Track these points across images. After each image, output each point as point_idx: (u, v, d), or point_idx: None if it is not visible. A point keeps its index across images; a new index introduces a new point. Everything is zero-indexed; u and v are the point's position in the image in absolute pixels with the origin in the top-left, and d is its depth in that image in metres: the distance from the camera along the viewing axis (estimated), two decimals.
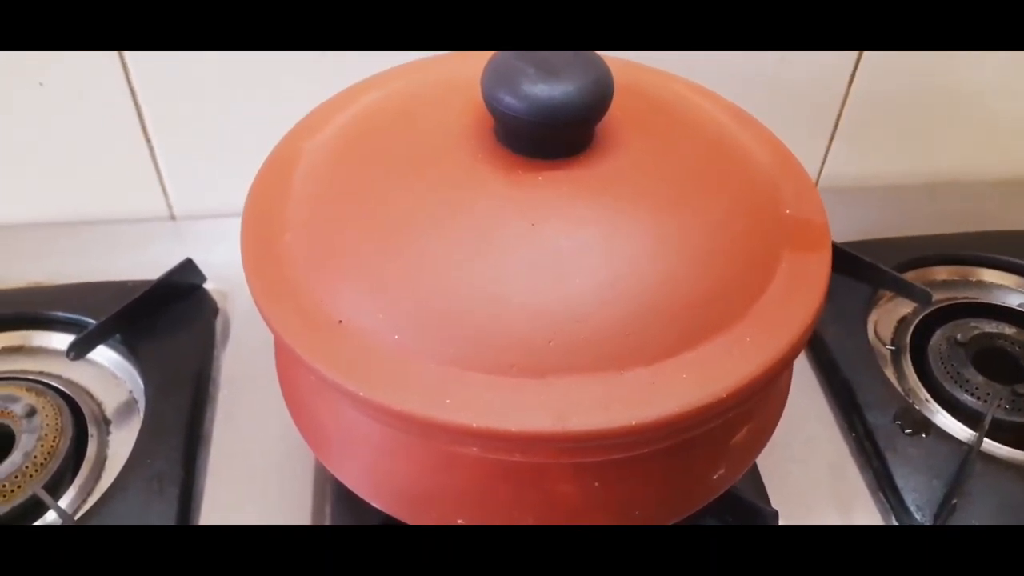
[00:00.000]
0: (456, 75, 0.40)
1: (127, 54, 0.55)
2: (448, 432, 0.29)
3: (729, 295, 0.32)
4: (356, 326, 0.31)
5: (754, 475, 0.47)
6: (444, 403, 0.29)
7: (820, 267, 0.35)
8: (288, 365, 0.41)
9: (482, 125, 0.36)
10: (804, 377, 0.55)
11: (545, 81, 0.31)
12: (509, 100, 0.32)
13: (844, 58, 0.61)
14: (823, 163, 0.67)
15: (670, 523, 0.36)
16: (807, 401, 0.53)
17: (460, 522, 0.34)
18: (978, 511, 0.46)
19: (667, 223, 0.33)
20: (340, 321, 0.31)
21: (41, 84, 0.56)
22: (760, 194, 0.37)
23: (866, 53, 0.61)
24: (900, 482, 0.47)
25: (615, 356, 0.30)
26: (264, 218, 0.36)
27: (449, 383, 0.29)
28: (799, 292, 0.34)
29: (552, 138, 0.34)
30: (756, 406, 0.36)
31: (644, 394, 0.29)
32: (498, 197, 0.33)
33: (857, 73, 0.62)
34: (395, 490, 0.35)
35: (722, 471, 0.36)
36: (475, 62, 0.36)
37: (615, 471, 0.33)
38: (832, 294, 0.58)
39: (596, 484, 0.33)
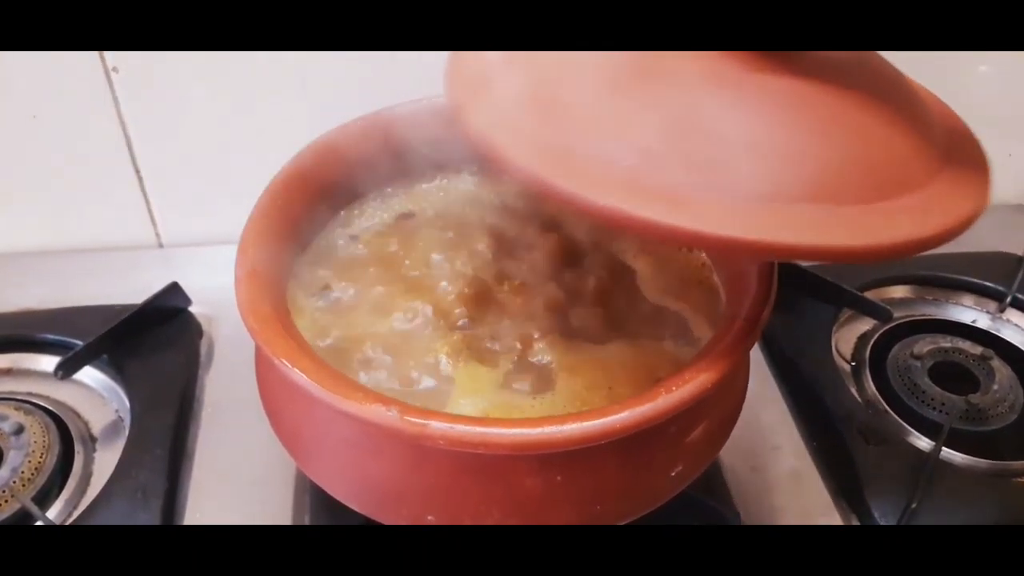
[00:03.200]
0: None
1: (118, 88, 0.57)
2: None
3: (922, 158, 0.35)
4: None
5: (719, 482, 0.49)
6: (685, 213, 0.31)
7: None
8: (269, 378, 0.42)
9: None
10: (769, 390, 0.57)
11: None
12: None
13: None
14: None
15: (632, 519, 0.38)
16: (772, 413, 0.55)
17: (430, 519, 0.36)
18: (937, 516, 0.48)
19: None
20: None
21: (34, 117, 0.58)
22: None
23: None
24: (863, 490, 0.49)
25: (835, 192, 0.32)
26: None
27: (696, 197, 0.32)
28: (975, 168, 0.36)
29: None
30: (710, 406, 0.38)
31: (863, 223, 0.32)
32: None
33: None
34: (368, 490, 0.37)
35: (680, 468, 0.38)
36: None
37: (577, 465, 0.35)
38: (797, 313, 0.61)
39: (559, 478, 0.35)
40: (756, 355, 0.59)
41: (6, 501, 0.46)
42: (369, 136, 0.48)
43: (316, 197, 0.46)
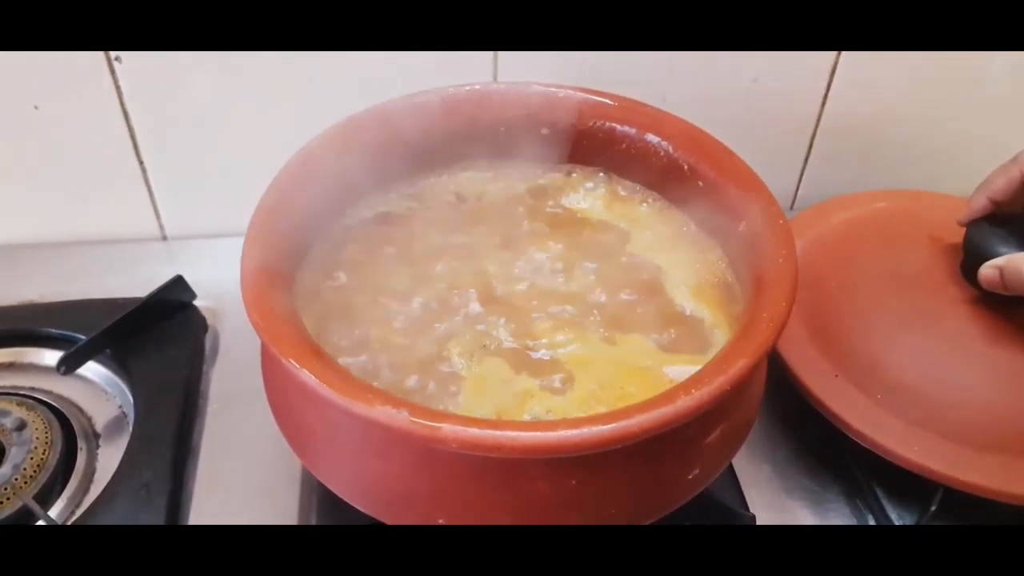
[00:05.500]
0: (915, 209, 0.57)
1: (121, 78, 0.56)
2: None
3: None
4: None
5: (732, 482, 0.48)
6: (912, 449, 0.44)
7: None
8: (276, 376, 0.42)
9: (949, 260, 0.51)
10: (784, 389, 0.56)
11: None
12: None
13: (816, 80, 0.63)
14: (799, 182, 0.69)
15: (647, 523, 0.37)
16: (787, 412, 0.54)
17: (440, 522, 0.35)
18: (955, 516, 0.47)
19: None
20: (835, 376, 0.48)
21: (36, 107, 0.57)
22: None
23: (838, 75, 0.62)
24: (879, 490, 0.49)
25: None
26: None
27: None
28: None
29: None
30: (729, 407, 0.37)
31: None
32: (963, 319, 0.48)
33: (830, 95, 0.64)
34: (377, 491, 0.36)
35: (697, 471, 0.37)
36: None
37: (591, 469, 0.34)
38: None
39: (573, 482, 0.34)
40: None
41: (8, 499, 0.45)
42: (376, 129, 0.47)
43: (322, 190, 0.45)
